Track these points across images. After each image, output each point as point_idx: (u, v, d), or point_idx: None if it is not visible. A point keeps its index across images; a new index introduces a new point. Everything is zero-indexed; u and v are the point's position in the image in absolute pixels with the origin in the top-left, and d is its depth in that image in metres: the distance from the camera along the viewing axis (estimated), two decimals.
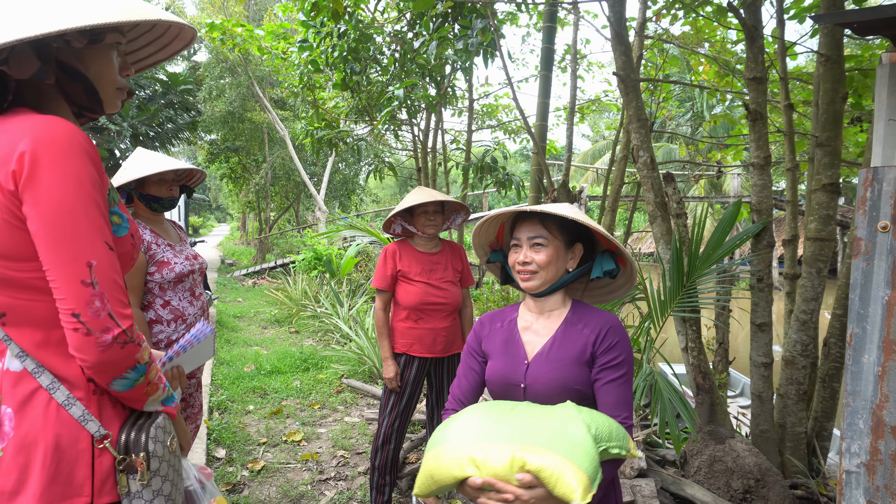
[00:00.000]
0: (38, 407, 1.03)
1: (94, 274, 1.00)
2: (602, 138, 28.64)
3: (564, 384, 1.45)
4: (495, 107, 9.82)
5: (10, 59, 1.01)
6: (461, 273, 2.97)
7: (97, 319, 0.99)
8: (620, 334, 1.46)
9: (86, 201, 1.00)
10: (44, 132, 0.98)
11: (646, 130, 3.47)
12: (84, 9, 0.99)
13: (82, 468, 1.04)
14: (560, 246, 1.50)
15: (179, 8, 16.58)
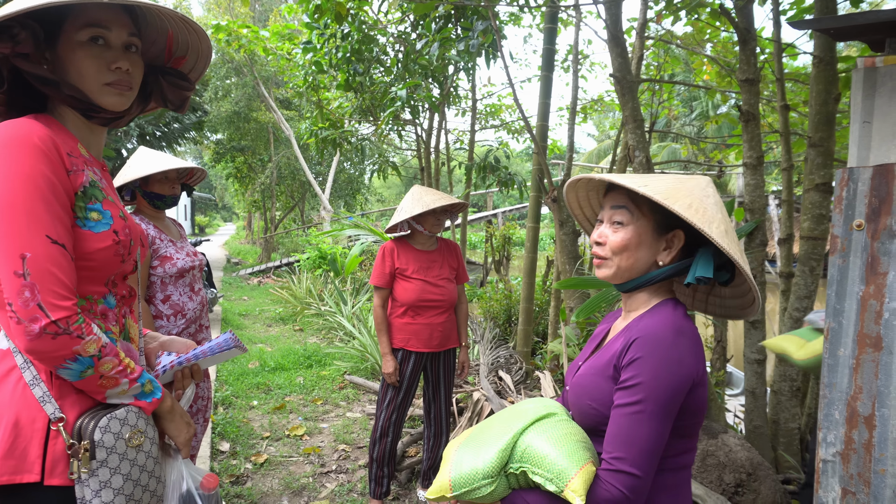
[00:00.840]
0: (10, 383, 1.11)
1: (27, 265, 1.04)
2: (607, 137, 28.65)
3: (583, 398, 1.25)
4: (498, 107, 9.89)
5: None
6: (457, 270, 3.06)
7: (26, 309, 1.03)
8: (648, 350, 1.13)
9: (27, 196, 1.05)
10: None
11: (642, 131, 3.53)
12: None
13: (35, 447, 1.09)
14: (648, 229, 1.22)
15: (186, 9, 16.71)
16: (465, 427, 3.66)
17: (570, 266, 4.59)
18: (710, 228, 1.12)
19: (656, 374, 1.12)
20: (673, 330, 1.16)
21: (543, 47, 5.46)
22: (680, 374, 1.13)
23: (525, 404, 1.36)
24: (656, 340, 1.14)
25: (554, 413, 1.27)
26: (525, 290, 5.41)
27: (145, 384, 1.20)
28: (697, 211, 1.14)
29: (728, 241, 1.14)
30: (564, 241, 4.66)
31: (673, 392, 1.12)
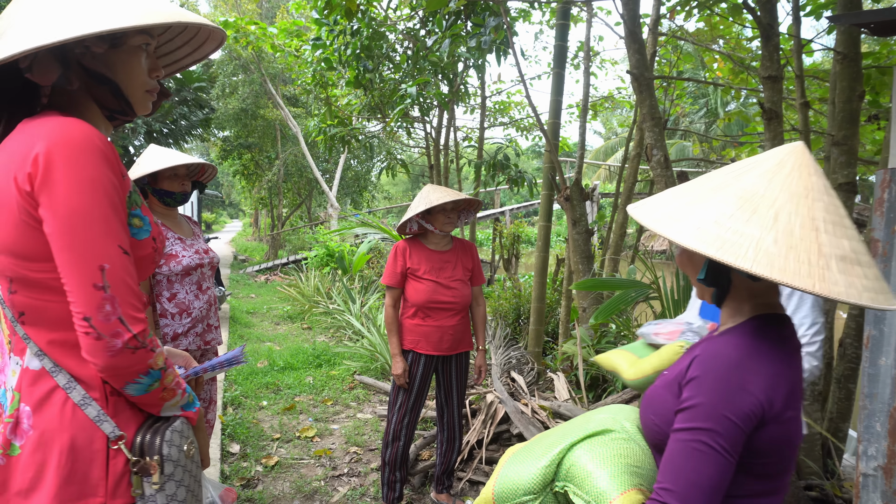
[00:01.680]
0: (55, 406, 1.04)
1: (107, 278, 0.99)
2: (614, 135, 28.50)
3: (647, 410, 1.17)
4: (507, 104, 9.81)
5: (32, 66, 1.03)
6: (471, 271, 2.98)
7: (107, 324, 0.98)
8: (705, 370, 1.03)
9: (101, 204, 1.00)
10: (59, 134, 0.99)
11: (659, 129, 3.46)
12: (99, 14, 0.98)
13: (97, 468, 1.04)
14: (686, 250, 1.17)
15: (193, 6, 16.67)
16: (479, 430, 3.61)
17: (583, 266, 4.52)
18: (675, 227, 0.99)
19: (711, 399, 1.00)
20: (741, 351, 1.03)
21: (555, 44, 5.38)
22: (740, 402, 0.99)
23: (595, 414, 1.29)
24: (716, 360, 1.03)
25: (610, 430, 1.19)
26: (536, 289, 5.35)
27: (190, 394, 1.18)
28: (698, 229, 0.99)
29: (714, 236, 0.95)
30: (577, 240, 4.59)
31: (730, 422, 0.99)
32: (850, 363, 3.24)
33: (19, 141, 1.01)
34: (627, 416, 1.25)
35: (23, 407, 1.04)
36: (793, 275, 0.87)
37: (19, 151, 0.99)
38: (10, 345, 1.07)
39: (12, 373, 1.07)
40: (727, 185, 0.99)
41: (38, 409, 1.03)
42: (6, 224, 0.99)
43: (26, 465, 1.01)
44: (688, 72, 9.79)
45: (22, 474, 1.01)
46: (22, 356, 1.07)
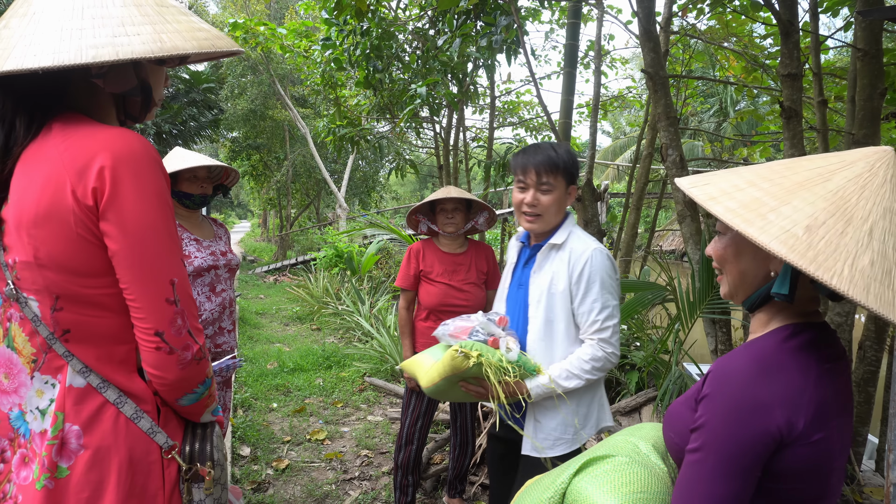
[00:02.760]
0: (107, 422, 1.02)
1: (177, 292, 1.00)
2: (623, 135, 28.38)
3: (667, 427, 1.10)
4: (517, 104, 9.75)
5: (108, 73, 1.04)
6: (486, 275, 2.93)
7: (179, 337, 1.00)
8: (716, 387, 0.95)
9: (167, 218, 1.02)
10: (122, 147, 0.98)
11: (675, 128, 3.41)
12: (191, 34, 1.01)
13: (154, 479, 1.05)
14: (740, 236, 0.98)
15: (202, 7, 16.72)
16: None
17: None
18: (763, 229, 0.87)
19: (721, 419, 0.92)
20: (757, 365, 0.93)
21: (566, 43, 5.32)
22: (751, 423, 0.90)
23: (614, 437, 1.23)
24: (728, 375, 0.94)
25: (611, 455, 1.12)
26: None
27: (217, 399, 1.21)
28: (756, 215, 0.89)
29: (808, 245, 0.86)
30: None
31: (739, 445, 0.90)
32: (869, 366, 3.18)
33: (67, 149, 0.98)
34: (645, 436, 1.19)
35: (69, 427, 1.01)
36: (889, 305, 0.79)
37: (72, 162, 0.96)
38: (33, 364, 1.03)
39: (37, 393, 1.03)
40: (814, 184, 0.90)
41: (89, 426, 1.01)
42: (59, 239, 0.97)
43: (81, 485, 0.99)
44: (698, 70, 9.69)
45: (76, 495, 0.99)
46: (56, 375, 1.03)
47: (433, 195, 2.86)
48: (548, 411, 1.85)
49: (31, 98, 1.03)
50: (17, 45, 0.93)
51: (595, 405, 1.89)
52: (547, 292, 1.83)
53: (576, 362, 1.78)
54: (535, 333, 1.86)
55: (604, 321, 1.78)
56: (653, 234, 6.90)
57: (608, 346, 1.78)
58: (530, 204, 1.83)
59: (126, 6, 0.99)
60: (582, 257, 1.79)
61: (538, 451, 1.85)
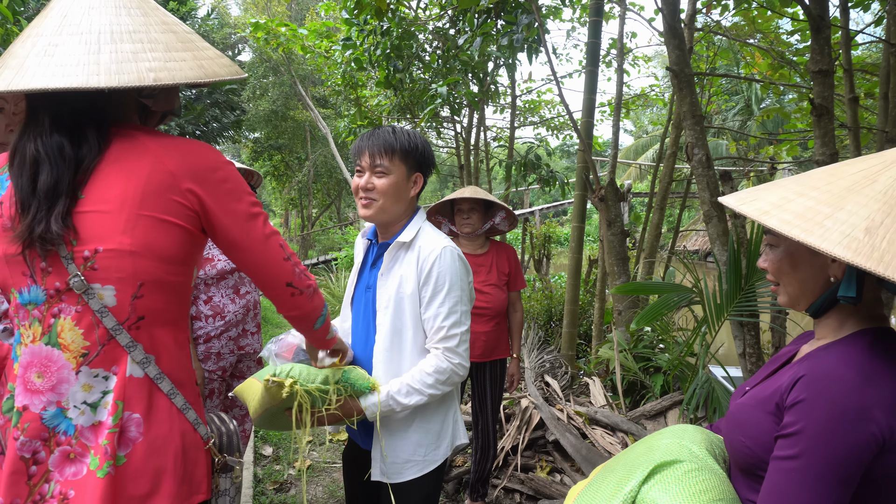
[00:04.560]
0: (163, 412, 1.11)
1: (285, 249, 1.23)
2: (644, 133, 28.10)
3: (736, 432, 1.06)
4: (538, 103, 9.70)
5: (159, 94, 1.18)
6: (508, 276, 2.90)
7: (302, 280, 1.24)
8: (815, 392, 0.92)
9: (253, 201, 1.22)
10: (216, 153, 1.18)
11: (701, 127, 3.34)
12: (220, 62, 1.16)
13: (200, 468, 1.15)
14: (795, 246, 1.02)
15: (224, 9, 16.90)
16: (514, 435, 3.53)
17: (619, 268, 4.42)
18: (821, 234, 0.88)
19: (823, 426, 0.89)
20: (857, 371, 0.92)
21: (588, 41, 5.27)
22: (857, 430, 0.88)
23: (658, 439, 1.18)
24: (828, 381, 0.92)
25: (679, 460, 1.07)
26: (570, 291, 5.25)
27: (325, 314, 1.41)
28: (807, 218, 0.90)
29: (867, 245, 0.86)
30: (612, 241, 4.49)
31: (845, 452, 0.88)
32: None
33: (170, 149, 1.11)
34: (693, 439, 1.14)
35: (129, 415, 1.07)
36: None
37: (182, 158, 1.10)
38: (83, 357, 1.06)
39: (84, 387, 1.06)
40: (862, 187, 0.91)
41: (149, 416, 1.09)
42: (158, 226, 1.07)
43: (139, 472, 1.06)
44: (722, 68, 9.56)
45: (135, 481, 1.05)
46: (111, 367, 1.08)
47: (449, 196, 2.84)
48: (394, 431, 1.64)
49: (91, 110, 1.09)
50: (79, 64, 1.00)
51: (449, 422, 1.70)
52: (395, 297, 1.63)
53: (418, 375, 1.57)
54: (381, 343, 1.65)
55: (450, 328, 1.58)
56: (677, 235, 6.80)
57: (454, 356, 1.59)
58: (364, 188, 1.63)
59: (165, 32, 1.10)
60: (430, 257, 1.60)
61: (387, 477, 1.65)
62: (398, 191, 1.64)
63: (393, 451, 1.64)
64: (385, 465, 1.64)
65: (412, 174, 1.67)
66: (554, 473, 3.29)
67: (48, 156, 1.04)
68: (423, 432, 1.64)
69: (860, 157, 0.96)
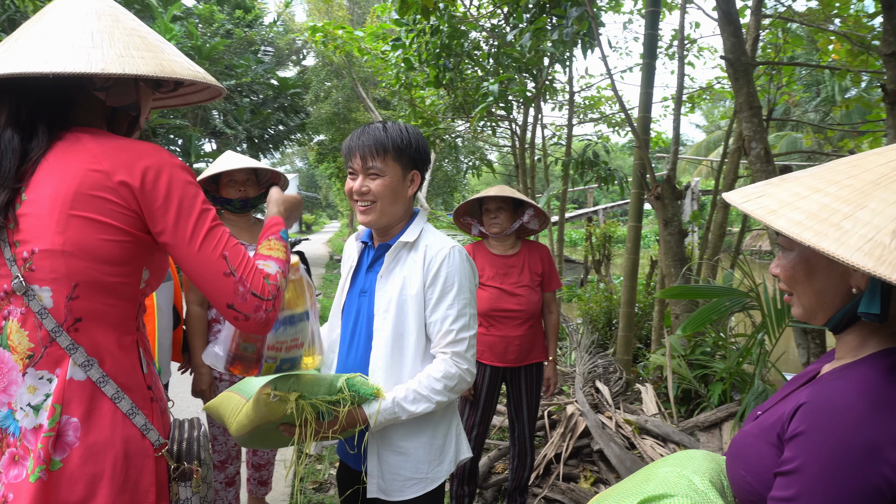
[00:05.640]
0: (105, 416, 1.06)
1: (230, 262, 1.11)
2: (717, 128, 26.97)
3: (737, 464, 0.95)
4: (598, 99, 9.42)
5: (111, 88, 1.15)
6: (542, 276, 2.78)
7: (246, 303, 1.10)
8: (815, 424, 0.79)
9: (202, 208, 1.14)
10: (164, 154, 1.12)
11: (759, 119, 3.12)
12: (187, 66, 1.15)
13: (147, 476, 1.09)
14: (811, 251, 0.85)
15: (289, 16, 17.37)
16: (557, 443, 3.41)
17: (675, 270, 4.21)
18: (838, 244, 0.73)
19: (823, 465, 0.76)
20: (868, 399, 0.77)
21: (645, 32, 5.05)
22: (864, 471, 0.74)
23: (658, 467, 1.06)
24: (832, 412, 0.78)
25: (670, 495, 0.95)
26: (626, 293, 5.04)
27: (282, 242, 1.29)
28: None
29: None
30: (669, 241, 4.27)
31: (848, 496, 0.74)
32: None
33: (109, 149, 1.08)
34: (698, 468, 1.01)
35: (67, 419, 1.04)
36: None
37: (119, 159, 1.07)
38: (28, 359, 1.05)
39: (29, 389, 1.05)
40: (891, 181, 0.76)
41: (87, 420, 1.05)
42: (91, 226, 1.04)
43: (74, 478, 1.02)
44: (798, 57, 8.98)
45: (69, 487, 1.02)
46: (54, 369, 1.05)
47: (475, 195, 2.76)
48: (394, 447, 1.52)
49: (48, 108, 1.11)
50: (31, 55, 1.03)
51: (452, 435, 1.59)
52: (397, 299, 1.53)
53: (426, 381, 1.46)
54: (381, 349, 1.53)
55: (459, 332, 1.49)
56: (742, 235, 6.44)
57: (463, 361, 1.49)
58: (359, 192, 1.53)
59: (130, 35, 1.11)
60: (438, 256, 1.51)
61: (385, 494, 1.53)
62: (395, 192, 1.54)
63: (393, 468, 1.53)
64: (384, 482, 1.53)
65: (408, 172, 1.57)
66: (598, 485, 3.15)
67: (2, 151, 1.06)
68: (426, 448, 1.53)
69: (892, 146, 0.81)
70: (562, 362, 5.67)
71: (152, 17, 11.17)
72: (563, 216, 8.72)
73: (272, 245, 1.24)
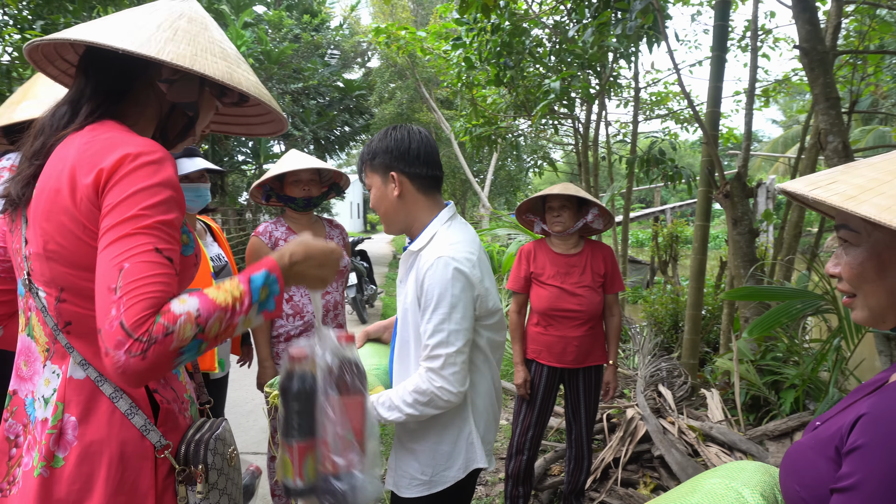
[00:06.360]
0: (102, 416, 1.03)
1: (122, 277, 0.89)
2: (796, 123, 25.63)
3: (790, 477, 0.88)
4: (665, 94, 9.13)
5: (176, 82, 1.11)
6: (604, 277, 2.72)
7: (111, 332, 0.86)
8: (876, 437, 0.72)
9: (148, 207, 1.00)
10: (132, 150, 0.98)
11: (836, 111, 2.94)
12: (255, 84, 1.12)
13: (146, 478, 1.04)
14: (889, 244, 0.81)
15: (354, 19, 17.70)
16: (616, 447, 3.32)
17: (745, 271, 4.02)
18: None
19: (884, 484, 0.69)
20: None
21: (714, 24, 4.86)
22: None
23: (706, 479, 1.01)
24: (893, 425, 0.71)
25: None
26: (692, 295, 4.86)
27: (259, 296, 0.98)
28: None
29: None
30: (739, 241, 4.09)
31: None
32: None
33: (87, 149, 1.00)
34: (748, 481, 0.94)
35: (67, 417, 1.02)
36: None
37: (88, 160, 0.98)
38: (46, 353, 1.06)
39: (45, 382, 1.05)
40: None
41: (85, 419, 1.02)
42: (64, 231, 0.98)
43: (72, 477, 1.00)
44: (888, 45, 8.37)
45: (69, 486, 1.00)
46: (61, 365, 1.05)
47: (538, 193, 2.73)
48: (404, 446, 1.58)
49: (103, 92, 1.09)
50: (107, 31, 1.03)
51: (462, 443, 1.55)
52: (403, 307, 1.57)
53: (400, 392, 1.46)
54: (395, 353, 1.62)
55: (433, 348, 1.44)
56: (821, 234, 6.09)
57: (437, 378, 1.43)
58: (371, 206, 1.63)
59: (212, 43, 1.10)
60: (424, 267, 1.47)
61: (396, 489, 1.59)
62: (382, 199, 1.58)
63: (403, 465, 1.57)
64: (395, 477, 1.59)
65: (386, 176, 1.57)
66: (658, 491, 3.05)
67: (47, 123, 1.07)
68: (431, 452, 1.54)
69: None
70: (624, 365, 5.53)
71: (224, 24, 11.62)
72: (628, 215, 8.50)
73: (225, 286, 0.95)
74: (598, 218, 2.72)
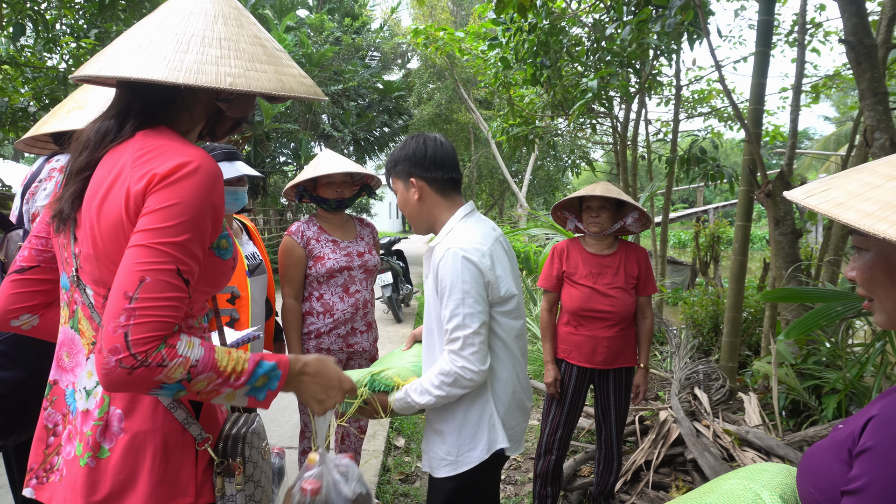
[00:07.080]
0: (147, 409, 1.06)
1: (141, 290, 0.94)
2: (850, 119, 24.70)
3: (805, 480, 0.88)
4: (708, 92, 8.91)
5: (235, 100, 1.14)
6: (637, 279, 2.67)
7: (113, 336, 0.91)
8: (883, 438, 0.73)
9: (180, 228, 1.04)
10: (183, 162, 1.02)
11: (884, 107, 2.84)
12: (300, 80, 1.14)
13: (187, 469, 1.08)
14: (892, 248, 0.80)
15: (395, 21, 17.84)
16: (648, 450, 3.27)
17: (786, 272, 3.90)
18: None
19: (889, 485, 0.69)
20: None
21: (759, 18, 4.73)
22: None
23: (724, 480, 1.01)
24: (894, 425, 0.71)
25: None
26: (732, 296, 4.75)
27: (257, 381, 1.03)
28: None
29: None
30: (781, 242, 3.99)
31: None
32: None
33: (142, 156, 1.03)
34: (768, 483, 0.92)
35: (113, 410, 1.06)
36: None
37: (140, 168, 1.01)
38: (91, 346, 1.10)
39: (87, 374, 1.09)
40: None
41: (130, 411, 1.05)
42: (113, 236, 1.01)
43: (118, 468, 1.03)
44: None
45: (114, 476, 1.03)
46: None
47: (577, 192, 2.70)
48: (433, 428, 1.72)
49: (151, 108, 1.10)
50: (160, 59, 1.02)
51: (485, 425, 1.65)
52: (427, 300, 1.72)
53: (429, 376, 1.61)
54: (423, 343, 1.77)
55: (453, 331, 1.57)
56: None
57: (458, 358, 1.55)
58: (398, 209, 1.79)
59: (254, 45, 1.11)
60: (437, 259, 1.63)
61: (430, 469, 1.73)
62: (406, 203, 1.76)
63: (433, 447, 1.71)
64: (428, 459, 1.74)
65: (407, 182, 1.73)
66: None
67: (92, 138, 1.09)
68: (457, 433, 1.66)
69: None
70: (660, 367, 5.43)
71: (268, 27, 11.86)
72: (668, 215, 8.35)
73: (235, 355, 1.02)
74: (637, 221, 2.68)
